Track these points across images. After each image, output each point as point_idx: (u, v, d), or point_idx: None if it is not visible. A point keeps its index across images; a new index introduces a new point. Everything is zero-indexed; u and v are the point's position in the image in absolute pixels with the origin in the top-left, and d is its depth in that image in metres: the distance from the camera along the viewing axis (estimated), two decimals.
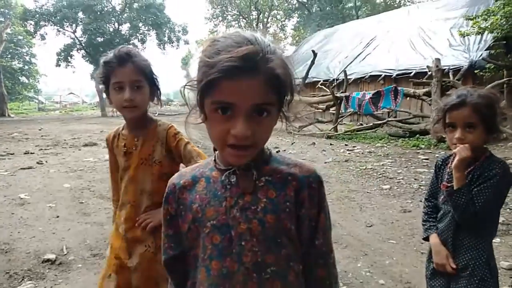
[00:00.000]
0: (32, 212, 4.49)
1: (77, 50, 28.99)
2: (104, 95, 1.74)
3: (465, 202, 1.51)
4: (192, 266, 0.99)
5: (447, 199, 1.62)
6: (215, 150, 0.99)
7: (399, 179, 5.85)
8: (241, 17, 36.34)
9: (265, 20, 36.54)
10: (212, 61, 0.78)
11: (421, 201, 4.63)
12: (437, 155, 7.24)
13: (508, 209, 4.30)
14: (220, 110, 0.81)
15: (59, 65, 29.62)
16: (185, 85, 0.90)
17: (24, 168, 6.93)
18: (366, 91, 12.09)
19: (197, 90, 0.85)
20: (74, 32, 28.56)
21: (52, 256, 3.22)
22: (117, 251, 1.68)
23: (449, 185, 1.62)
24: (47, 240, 3.64)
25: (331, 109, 13.06)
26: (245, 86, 0.78)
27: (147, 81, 1.62)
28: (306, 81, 15.05)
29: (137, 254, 1.64)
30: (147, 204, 1.67)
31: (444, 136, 1.70)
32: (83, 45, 28.34)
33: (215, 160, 0.99)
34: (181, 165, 1.73)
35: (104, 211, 4.40)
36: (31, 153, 8.68)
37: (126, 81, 1.55)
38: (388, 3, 34.79)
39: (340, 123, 12.37)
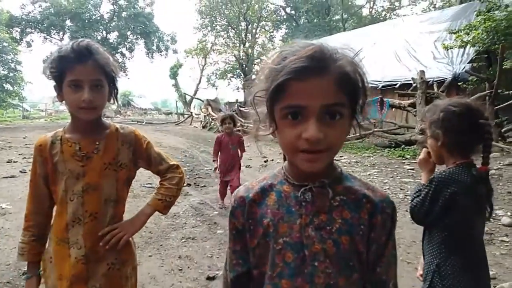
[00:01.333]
0: (14, 222, 4.39)
1: None
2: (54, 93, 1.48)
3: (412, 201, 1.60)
4: (258, 285, 0.95)
5: None
6: (284, 159, 0.97)
7: (385, 189, 5.88)
8: (230, 27, 36.55)
9: (253, 31, 36.82)
10: (280, 66, 0.77)
11: (406, 210, 4.66)
12: None
13: (491, 219, 4.37)
14: (290, 115, 0.79)
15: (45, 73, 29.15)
16: (254, 95, 0.87)
17: (6, 177, 6.78)
18: None
19: (266, 99, 0.82)
20: (61, 39, 28.35)
21: None
22: (71, 280, 1.42)
23: None
24: None
25: None
26: (315, 86, 0.76)
27: (107, 80, 1.43)
28: None
29: (98, 276, 1.44)
30: (111, 214, 1.48)
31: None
32: None
33: (284, 173, 0.95)
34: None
35: None
36: (14, 161, 8.50)
37: (86, 79, 1.35)
38: (374, 16, 35.50)
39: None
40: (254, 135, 0.92)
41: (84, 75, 1.36)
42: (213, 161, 5.39)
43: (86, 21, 27.95)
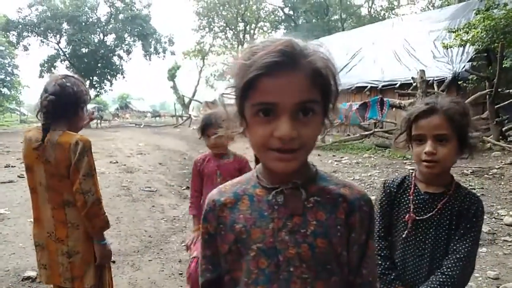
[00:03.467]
0: (12, 227, 4.33)
1: (61, 61, 28.67)
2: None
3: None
4: None
5: (413, 233, 1.38)
6: (257, 162, 0.93)
7: None
8: (228, 28, 36.55)
9: (252, 31, 36.82)
10: (250, 62, 0.74)
11: None
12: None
13: (493, 219, 4.33)
14: (261, 112, 0.76)
15: (43, 76, 29.24)
16: (223, 93, 0.85)
17: (4, 182, 6.72)
18: (353, 102, 12.18)
19: (236, 95, 0.80)
20: (58, 43, 28.29)
21: (32, 274, 3.09)
22: None
23: (419, 217, 1.38)
24: (27, 257, 3.49)
25: None
26: (287, 83, 0.73)
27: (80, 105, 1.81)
28: None
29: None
30: None
31: (407, 151, 1.45)
32: (67, 56, 28.05)
33: (257, 176, 0.91)
34: None
35: None
36: (12, 166, 8.45)
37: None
38: (373, 15, 35.52)
39: (327, 133, 12.43)
40: (226, 135, 0.88)
41: None
42: (193, 216, 2.60)
43: (83, 23, 27.86)
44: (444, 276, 1.28)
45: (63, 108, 1.72)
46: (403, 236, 1.39)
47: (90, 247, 1.76)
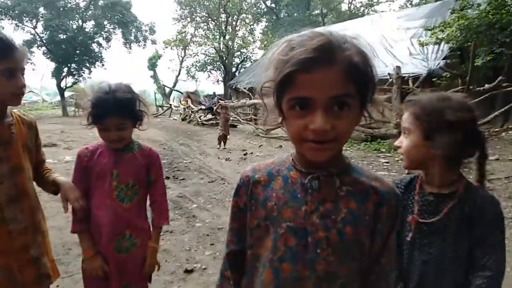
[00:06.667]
0: None
1: (38, 47, 27.70)
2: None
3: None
4: (250, 266, 0.96)
5: (417, 236, 1.30)
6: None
7: None
8: (210, 19, 36.16)
9: (234, 23, 36.55)
10: (287, 57, 0.77)
11: None
12: (397, 158, 7.54)
13: None
14: (298, 106, 0.79)
15: None
16: (262, 86, 0.87)
17: None
18: None
19: (274, 89, 0.82)
20: (35, 28, 27.29)
21: None
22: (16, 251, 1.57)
23: (423, 220, 1.29)
24: None
25: None
26: (322, 78, 0.75)
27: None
28: None
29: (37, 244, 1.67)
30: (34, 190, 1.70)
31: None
32: (44, 41, 27.15)
33: (293, 159, 0.94)
34: None
35: (63, 215, 4.21)
36: None
37: (19, 68, 1.47)
38: (353, 11, 35.85)
39: None
40: (264, 125, 0.93)
41: (17, 63, 1.45)
42: (79, 235, 1.80)
43: (61, 9, 26.99)
44: None
45: None
46: (408, 239, 1.32)
47: None
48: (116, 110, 1.62)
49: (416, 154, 1.29)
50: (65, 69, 27.32)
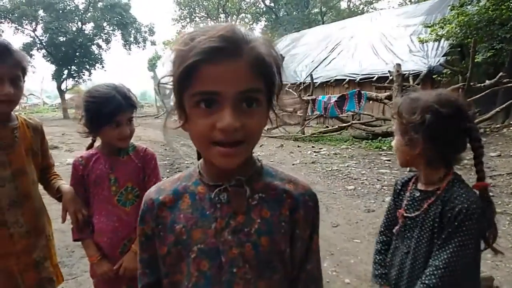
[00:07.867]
0: None
1: (38, 49, 27.71)
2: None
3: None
4: None
5: (402, 229, 1.37)
6: (199, 158, 0.87)
7: (363, 180, 6.04)
8: (209, 19, 36.15)
9: (233, 23, 36.44)
10: (188, 47, 0.68)
11: (383, 201, 4.81)
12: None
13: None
14: (203, 103, 0.70)
15: None
16: (159, 82, 0.77)
17: None
18: (331, 94, 12.38)
19: (173, 85, 0.73)
20: (34, 30, 27.30)
21: None
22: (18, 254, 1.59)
23: (407, 214, 1.35)
24: None
25: (298, 112, 13.29)
26: (228, 71, 0.68)
27: (23, 76, 1.53)
28: None
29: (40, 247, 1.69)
30: (39, 194, 1.73)
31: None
32: (44, 44, 27.15)
33: (199, 172, 0.86)
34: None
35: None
36: None
37: (6, 75, 1.44)
38: (352, 9, 35.85)
39: (307, 125, 12.61)
40: (163, 129, 0.82)
41: (4, 72, 1.43)
42: (82, 242, 1.75)
43: (60, 11, 26.96)
44: (421, 285, 1.21)
45: None
46: (394, 231, 1.41)
47: None
48: (125, 104, 1.63)
49: (401, 154, 1.35)
50: (65, 71, 27.32)
